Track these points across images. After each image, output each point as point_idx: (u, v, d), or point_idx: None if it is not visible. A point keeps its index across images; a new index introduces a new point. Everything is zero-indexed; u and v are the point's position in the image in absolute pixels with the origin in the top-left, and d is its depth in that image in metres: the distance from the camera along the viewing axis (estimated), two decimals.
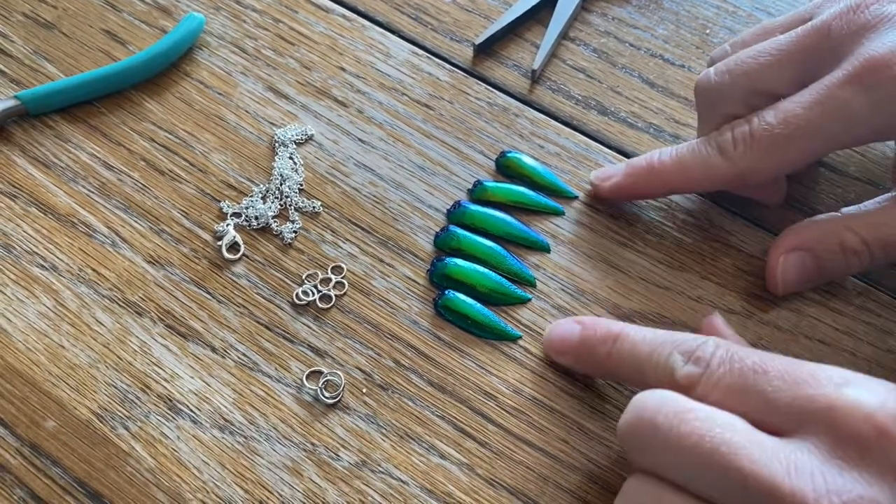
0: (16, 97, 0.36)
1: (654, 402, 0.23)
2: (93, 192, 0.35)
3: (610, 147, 0.37)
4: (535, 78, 0.38)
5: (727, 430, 0.21)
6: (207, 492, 0.28)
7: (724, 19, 0.41)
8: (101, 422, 0.29)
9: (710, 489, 0.21)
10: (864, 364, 0.31)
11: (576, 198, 0.35)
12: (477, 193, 0.35)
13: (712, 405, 0.23)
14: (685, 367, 0.24)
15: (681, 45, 0.40)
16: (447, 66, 0.39)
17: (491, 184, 0.35)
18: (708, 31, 0.41)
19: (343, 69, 0.39)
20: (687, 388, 0.24)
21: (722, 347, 0.24)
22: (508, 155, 0.36)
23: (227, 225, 0.34)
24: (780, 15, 0.36)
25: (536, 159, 0.36)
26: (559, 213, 0.35)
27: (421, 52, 0.39)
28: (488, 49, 0.39)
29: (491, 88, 0.38)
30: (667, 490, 0.22)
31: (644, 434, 0.23)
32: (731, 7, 0.41)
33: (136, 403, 0.30)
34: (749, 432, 0.21)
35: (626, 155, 0.36)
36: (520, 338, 0.32)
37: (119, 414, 0.30)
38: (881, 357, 0.32)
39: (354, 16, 0.40)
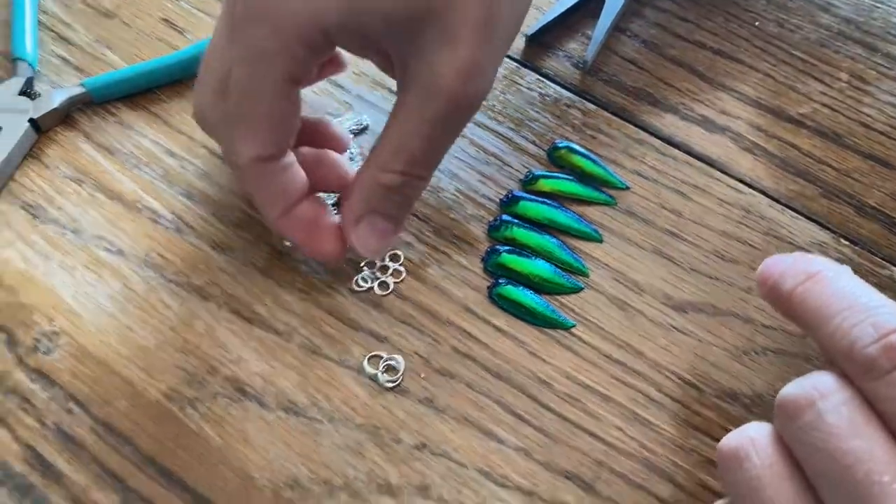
0: (81, 85, 0.37)
1: (829, 387, 0.22)
2: (156, 179, 0.36)
3: (660, 138, 0.37)
4: (587, 69, 0.39)
5: (887, 472, 0.20)
6: (273, 470, 0.29)
7: (774, 11, 0.41)
8: (169, 402, 0.31)
9: None
10: None
11: (627, 188, 0.36)
12: (529, 184, 0.36)
13: (879, 412, 0.21)
14: (871, 347, 0.22)
15: (730, 38, 0.40)
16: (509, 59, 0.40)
17: (543, 174, 0.36)
18: (757, 24, 0.41)
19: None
20: (861, 369, 0.22)
21: None
22: (560, 145, 0.37)
23: None
24: (824, 7, 0.36)
25: (588, 150, 0.37)
26: (610, 204, 0.35)
27: None
28: (540, 40, 0.40)
29: (543, 79, 0.39)
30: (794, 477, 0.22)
31: (802, 411, 0.22)
32: None
33: (203, 385, 0.31)
34: None
35: (676, 146, 0.37)
36: (573, 326, 0.32)
37: (187, 395, 0.31)
38: None
39: None
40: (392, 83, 0.38)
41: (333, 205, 0.35)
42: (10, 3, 0.40)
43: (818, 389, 0.22)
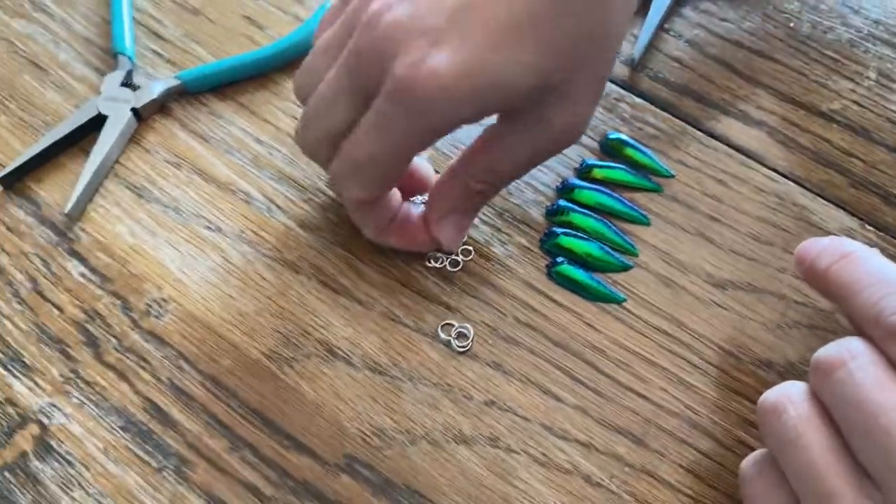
0: (177, 77, 0.41)
1: (858, 350, 0.25)
2: (247, 164, 0.40)
3: (702, 131, 0.41)
4: (636, 66, 0.42)
5: None
6: (362, 421, 0.33)
7: (807, 13, 0.44)
8: (269, 361, 0.35)
9: (868, 462, 0.24)
10: None
11: (672, 176, 0.39)
12: (584, 172, 0.39)
13: None
14: (895, 316, 0.25)
15: (766, 39, 0.44)
16: None
17: (596, 163, 0.40)
18: (792, 24, 0.44)
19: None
20: (886, 335, 0.25)
21: None
22: (611, 136, 0.40)
23: None
24: (855, 10, 0.39)
25: (636, 140, 0.40)
26: (657, 191, 0.39)
27: None
28: None
29: None
30: (826, 432, 0.26)
31: (834, 369, 0.25)
32: (813, 2, 0.45)
33: (298, 346, 0.35)
34: None
35: (717, 138, 0.40)
36: (624, 300, 0.36)
37: (284, 355, 0.35)
38: None
39: None
40: None
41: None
42: (108, 3, 0.44)
43: (850, 351, 0.26)
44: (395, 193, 0.35)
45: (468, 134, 0.37)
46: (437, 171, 0.38)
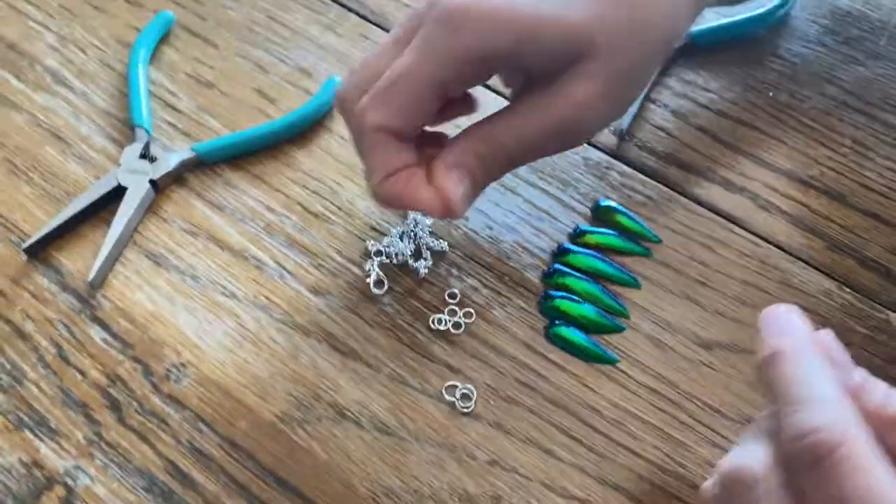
0: (192, 149, 0.44)
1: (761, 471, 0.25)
2: (260, 232, 0.42)
3: (688, 197, 0.43)
4: (624, 135, 0.45)
5: None
6: (372, 482, 0.35)
7: (786, 83, 0.47)
8: (282, 423, 0.37)
9: None
10: None
11: (660, 242, 0.42)
12: (576, 237, 0.42)
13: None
14: (794, 443, 0.24)
15: (748, 108, 0.46)
16: None
17: (588, 228, 0.42)
18: (771, 94, 0.47)
19: (458, 126, 0.45)
20: (787, 457, 0.25)
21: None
22: (602, 203, 0.43)
23: (373, 265, 0.41)
24: (829, 80, 0.42)
25: (626, 207, 0.43)
26: (647, 256, 0.42)
27: None
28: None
29: (585, 145, 0.45)
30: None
31: (744, 489, 0.25)
32: (789, 71, 0.48)
33: (309, 409, 0.37)
34: None
35: (702, 204, 0.43)
36: (617, 361, 0.39)
37: (297, 417, 0.37)
38: None
39: None
40: None
41: None
42: (126, 77, 0.46)
43: (753, 472, 0.25)
44: (412, 150, 0.34)
45: None
46: None
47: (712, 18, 0.49)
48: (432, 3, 0.32)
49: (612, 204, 0.43)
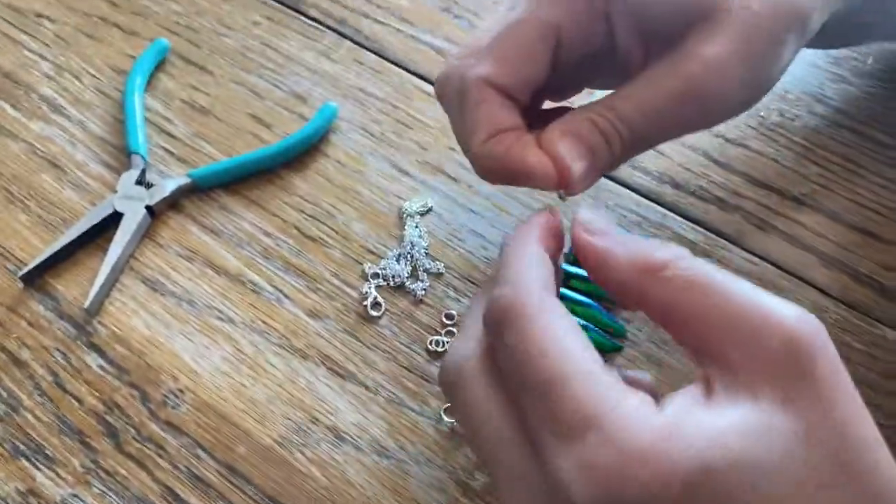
0: (188, 175, 0.44)
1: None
2: (256, 256, 0.42)
3: (682, 216, 0.44)
4: None
5: None
6: None
7: (776, 103, 0.48)
8: (281, 448, 0.36)
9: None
10: None
11: None
12: (572, 256, 0.42)
13: None
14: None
15: (739, 127, 0.47)
16: None
17: (572, 272, 0.42)
18: (762, 114, 0.47)
19: (453, 149, 0.46)
20: None
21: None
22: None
23: (370, 287, 0.41)
24: (818, 98, 0.43)
25: (621, 227, 0.43)
26: None
27: None
28: None
29: None
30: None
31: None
32: (779, 90, 0.48)
33: (308, 433, 0.37)
34: None
35: (696, 223, 0.43)
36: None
37: (295, 441, 0.37)
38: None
39: None
40: (452, 170, 0.45)
41: None
42: (122, 104, 0.47)
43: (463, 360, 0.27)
44: (520, 117, 0.31)
45: None
46: None
47: None
48: None
49: None
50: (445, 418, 0.37)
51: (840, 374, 0.24)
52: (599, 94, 0.32)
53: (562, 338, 0.24)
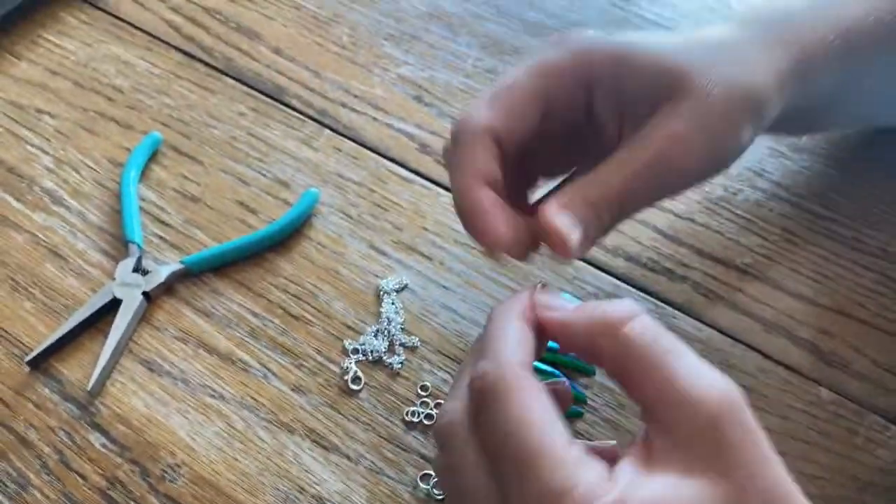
0: (181, 262, 0.47)
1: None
2: (245, 336, 0.46)
3: (635, 287, 0.48)
4: None
5: None
6: None
7: (719, 178, 0.52)
8: None
9: None
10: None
11: None
12: None
13: None
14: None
15: (685, 202, 0.51)
16: None
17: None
18: (707, 189, 0.52)
19: (426, 229, 0.50)
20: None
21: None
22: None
23: (350, 362, 0.44)
24: (759, 173, 0.47)
25: (579, 298, 0.47)
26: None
27: None
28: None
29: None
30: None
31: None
32: None
33: (295, 502, 0.40)
34: None
35: (648, 293, 0.47)
36: (582, 414, 0.42)
37: None
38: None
39: (431, 185, 0.52)
40: (425, 249, 0.49)
41: None
42: (118, 194, 0.51)
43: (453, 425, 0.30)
44: (498, 169, 0.35)
45: None
46: None
47: None
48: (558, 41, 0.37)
49: (566, 296, 0.47)
50: (421, 485, 0.41)
51: (761, 444, 0.27)
52: None
53: (534, 416, 0.28)
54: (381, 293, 0.47)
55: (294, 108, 0.56)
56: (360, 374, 0.44)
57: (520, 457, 0.27)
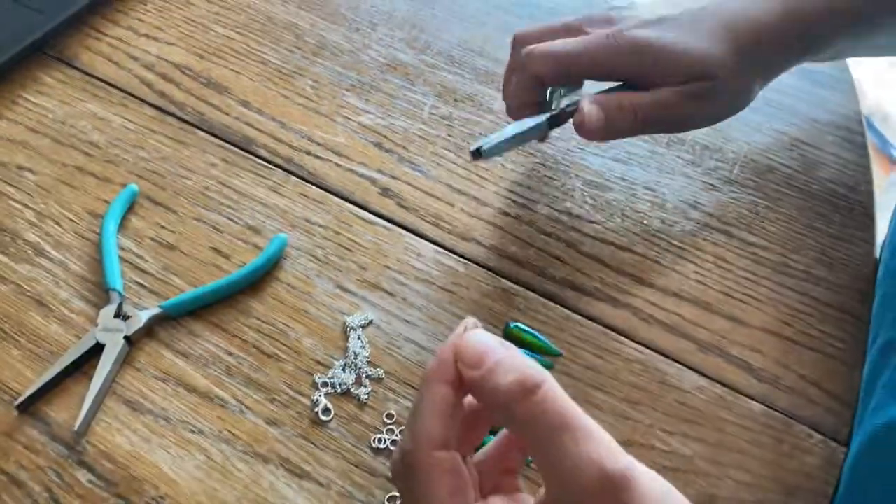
0: (160, 307, 0.51)
1: None
2: (221, 374, 0.49)
3: (581, 314, 0.52)
4: (523, 265, 0.54)
5: None
6: None
7: (656, 211, 0.57)
8: None
9: None
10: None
11: (561, 355, 0.50)
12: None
13: None
14: None
15: (626, 234, 0.56)
16: (462, 259, 0.54)
17: None
18: (645, 222, 0.56)
19: (388, 267, 0.54)
20: None
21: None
22: (511, 326, 0.51)
23: (320, 395, 0.48)
24: (692, 205, 0.52)
25: (530, 327, 0.51)
26: (550, 367, 0.50)
27: (442, 250, 0.55)
28: (487, 244, 0.55)
29: (494, 275, 0.54)
30: None
31: None
32: (659, 200, 0.57)
33: None
34: None
35: (593, 320, 0.52)
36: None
37: None
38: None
39: (392, 225, 0.56)
40: (388, 286, 0.53)
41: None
42: (98, 245, 0.54)
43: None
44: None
45: None
46: None
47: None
48: (608, 19, 0.52)
49: (520, 325, 0.51)
50: None
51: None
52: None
53: (440, 496, 0.32)
54: (348, 329, 0.51)
55: (262, 158, 0.59)
56: (329, 405, 0.48)
57: None
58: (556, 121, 0.52)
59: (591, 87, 0.52)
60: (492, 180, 0.58)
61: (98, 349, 0.49)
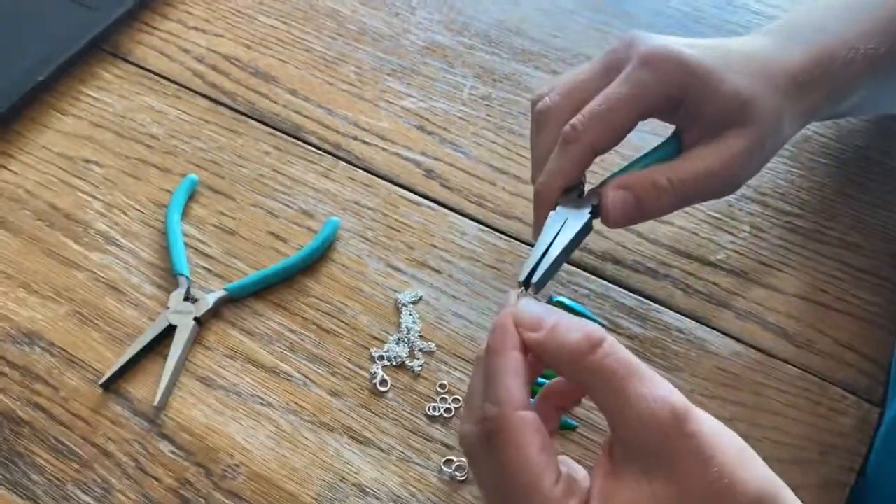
0: (224, 289, 0.54)
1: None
2: (285, 350, 0.53)
3: (622, 286, 0.54)
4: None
5: None
6: None
7: None
8: (317, 503, 0.47)
9: None
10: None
11: (604, 326, 0.53)
12: None
13: None
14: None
15: None
16: (505, 237, 0.57)
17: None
18: None
19: (435, 246, 0.57)
20: None
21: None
22: (554, 299, 0.54)
23: (376, 368, 0.51)
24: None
25: (573, 300, 0.54)
26: None
27: (486, 228, 0.58)
28: (529, 221, 0.57)
29: None
30: None
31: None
32: None
33: (338, 489, 0.47)
34: None
35: (634, 291, 0.54)
36: (577, 427, 0.49)
37: (329, 497, 0.47)
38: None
39: (437, 206, 0.59)
40: (435, 264, 0.56)
41: None
42: (164, 232, 0.58)
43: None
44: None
45: None
46: None
47: None
48: (632, 42, 0.45)
49: (563, 299, 0.54)
50: (445, 469, 0.47)
51: (702, 449, 0.32)
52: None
53: (528, 457, 0.33)
54: (400, 306, 0.54)
55: (312, 144, 0.62)
56: (386, 377, 0.51)
57: (516, 492, 0.33)
58: (597, 212, 0.46)
59: None
60: None
61: (170, 330, 0.53)
